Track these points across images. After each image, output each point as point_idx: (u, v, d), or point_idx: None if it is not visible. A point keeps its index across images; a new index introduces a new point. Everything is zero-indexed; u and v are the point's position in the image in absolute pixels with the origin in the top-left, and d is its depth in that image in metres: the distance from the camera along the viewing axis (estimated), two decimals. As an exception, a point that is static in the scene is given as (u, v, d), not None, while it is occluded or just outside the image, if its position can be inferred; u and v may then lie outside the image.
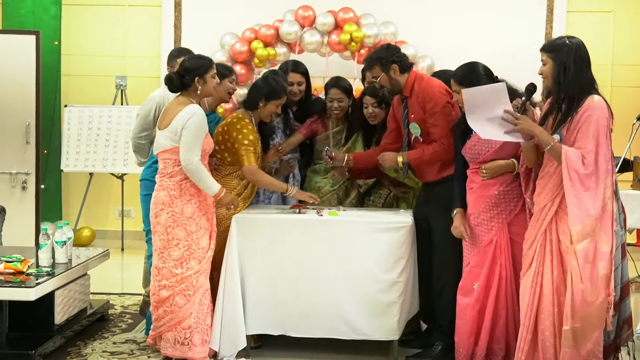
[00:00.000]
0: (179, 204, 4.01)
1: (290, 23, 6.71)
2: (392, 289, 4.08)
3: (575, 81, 3.36)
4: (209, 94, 4.14)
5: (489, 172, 3.86)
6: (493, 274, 3.85)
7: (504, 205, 3.85)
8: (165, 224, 4.02)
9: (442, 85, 4.21)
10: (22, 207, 6.61)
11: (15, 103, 6.64)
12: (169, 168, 4.03)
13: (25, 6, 7.52)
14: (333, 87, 4.64)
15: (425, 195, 4.38)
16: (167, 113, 4.05)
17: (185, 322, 4.01)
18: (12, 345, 4.01)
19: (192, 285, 4.02)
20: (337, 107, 4.61)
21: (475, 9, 7.31)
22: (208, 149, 4.10)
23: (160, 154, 4.06)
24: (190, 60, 4.11)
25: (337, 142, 4.70)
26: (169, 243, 4.02)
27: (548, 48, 3.44)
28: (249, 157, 4.23)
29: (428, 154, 4.18)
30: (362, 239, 4.10)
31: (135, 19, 7.80)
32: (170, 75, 4.04)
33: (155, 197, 4.06)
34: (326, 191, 4.67)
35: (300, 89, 4.77)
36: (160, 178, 4.07)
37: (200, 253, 4.05)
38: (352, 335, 4.14)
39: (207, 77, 4.05)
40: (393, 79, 4.21)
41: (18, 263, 4.19)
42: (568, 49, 3.38)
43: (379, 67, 4.21)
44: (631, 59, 7.28)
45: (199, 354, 4.03)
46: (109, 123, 7.43)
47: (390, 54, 4.22)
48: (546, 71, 3.45)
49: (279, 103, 4.36)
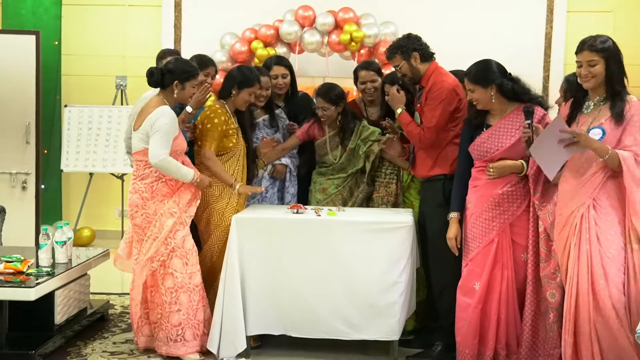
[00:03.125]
0: (151, 205, 4.05)
1: (290, 23, 6.71)
2: (392, 289, 4.08)
3: (623, 79, 3.46)
4: (183, 100, 4.18)
5: (496, 171, 3.85)
6: (495, 274, 3.85)
7: (507, 206, 3.85)
8: (141, 225, 4.09)
9: (454, 83, 4.21)
10: (22, 207, 6.62)
11: (15, 103, 6.65)
12: (141, 170, 4.08)
13: (26, 6, 7.52)
14: (318, 95, 4.66)
15: (422, 193, 4.41)
16: (142, 114, 4.09)
17: (174, 319, 4.04)
18: (12, 345, 4.01)
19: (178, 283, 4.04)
20: (322, 115, 4.63)
21: (475, 9, 7.32)
22: (180, 149, 4.12)
23: (134, 155, 4.12)
24: (177, 62, 4.15)
25: (336, 145, 4.70)
26: (145, 237, 4.08)
27: (598, 48, 3.46)
28: (210, 142, 4.29)
29: (409, 128, 4.25)
30: (362, 239, 4.10)
31: (136, 19, 7.80)
32: (152, 70, 4.09)
33: (130, 200, 4.12)
34: (331, 192, 4.67)
35: (285, 81, 4.79)
36: (133, 180, 4.13)
37: (181, 252, 4.07)
38: (352, 335, 4.14)
39: (187, 85, 4.09)
40: (414, 67, 4.23)
41: (18, 263, 4.19)
42: (616, 48, 3.49)
43: (399, 55, 4.25)
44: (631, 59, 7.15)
45: (192, 348, 4.09)
46: (109, 123, 7.42)
47: (411, 42, 4.25)
48: (596, 71, 3.45)
49: (251, 91, 4.39)
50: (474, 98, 3.89)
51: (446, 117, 4.15)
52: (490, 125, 3.92)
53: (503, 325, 3.86)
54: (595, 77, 3.45)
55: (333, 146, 4.70)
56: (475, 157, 3.97)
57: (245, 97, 4.39)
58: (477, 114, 3.98)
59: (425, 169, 4.30)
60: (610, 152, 3.35)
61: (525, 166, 3.82)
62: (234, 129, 4.39)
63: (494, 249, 3.85)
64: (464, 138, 4.05)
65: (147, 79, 4.10)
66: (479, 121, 3.96)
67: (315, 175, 4.77)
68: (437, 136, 4.17)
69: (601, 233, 3.39)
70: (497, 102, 3.87)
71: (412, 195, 4.60)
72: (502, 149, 3.85)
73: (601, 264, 3.36)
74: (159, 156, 3.95)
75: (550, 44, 7.30)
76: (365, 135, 4.62)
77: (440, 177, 4.22)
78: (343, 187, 4.68)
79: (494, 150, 3.87)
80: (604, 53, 3.45)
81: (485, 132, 3.90)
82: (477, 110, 3.96)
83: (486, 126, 3.93)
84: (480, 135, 3.93)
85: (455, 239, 3.99)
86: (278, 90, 4.80)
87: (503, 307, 3.85)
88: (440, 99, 4.14)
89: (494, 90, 3.85)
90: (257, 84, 4.42)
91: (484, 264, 3.85)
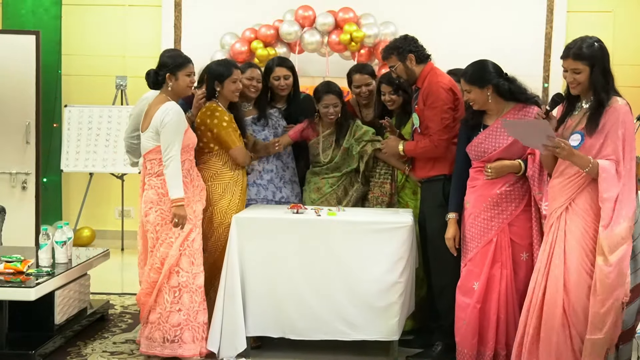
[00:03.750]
0: (167, 201, 4.02)
1: (290, 23, 6.71)
2: (392, 289, 4.08)
3: (609, 84, 3.39)
4: (181, 92, 4.14)
5: (494, 171, 3.85)
6: (493, 274, 3.85)
7: (505, 205, 3.85)
8: (154, 222, 4.05)
9: (450, 83, 4.21)
10: (22, 207, 6.62)
11: (15, 103, 6.65)
12: (155, 167, 4.06)
13: (26, 6, 7.52)
14: (328, 93, 4.62)
15: (421, 193, 4.41)
16: (148, 114, 4.09)
17: (174, 319, 4.03)
18: (12, 346, 4.01)
19: (182, 282, 4.03)
20: (333, 112, 4.60)
21: (475, 9, 7.33)
22: (191, 143, 4.12)
23: (146, 155, 4.10)
24: (166, 55, 4.14)
25: (330, 144, 4.69)
26: (158, 241, 4.06)
27: (583, 56, 3.38)
28: (231, 140, 4.28)
29: (420, 148, 4.24)
30: (362, 239, 4.10)
31: (136, 19, 7.80)
32: (149, 71, 4.10)
33: (145, 197, 4.09)
34: (325, 191, 4.67)
35: (287, 83, 4.76)
36: (148, 178, 4.10)
37: (189, 251, 4.07)
38: (352, 336, 4.13)
39: (179, 75, 4.07)
40: (409, 68, 4.23)
41: (18, 263, 4.19)
42: (600, 51, 3.38)
43: (395, 56, 4.25)
44: (631, 59, 7.26)
45: (190, 351, 4.05)
46: (109, 123, 7.43)
47: (407, 43, 4.25)
48: (580, 79, 3.40)
49: (234, 79, 4.34)
50: (471, 99, 3.89)
51: (450, 116, 4.16)
52: (487, 125, 3.92)
53: (502, 325, 3.86)
54: (580, 84, 3.42)
55: (327, 145, 4.69)
56: (472, 158, 3.97)
57: (231, 87, 4.34)
58: (473, 114, 3.98)
59: (425, 170, 4.30)
60: (590, 165, 3.31)
61: (523, 166, 3.82)
62: (236, 126, 4.39)
63: (492, 248, 3.84)
64: (461, 138, 4.05)
65: (146, 82, 4.11)
66: (475, 122, 3.96)
67: (309, 174, 4.77)
68: (449, 136, 4.16)
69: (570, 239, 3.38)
70: (494, 102, 3.87)
71: (407, 195, 4.61)
72: (500, 149, 3.85)
73: (563, 274, 3.37)
74: (170, 156, 3.95)
75: (550, 44, 7.30)
76: (359, 134, 4.61)
77: (440, 177, 4.22)
78: (337, 187, 4.68)
79: (492, 150, 3.87)
80: (588, 61, 3.38)
81: (482, 133, 3.90)
82: (474, 111, 3.97)
83: (483, 126, 3.93)
84: (477, 135, 3.93)
85: (453, 239, 3.99)
86: (280, 91, 4.78)
87: (502, 306, 3.85)
88: (437, 105, 4.14)
89: (490, 90, 3.84)
90: (236, 70, 4.38)
91: (483, 264, 3.85)
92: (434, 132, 4.16)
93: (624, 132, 3.33)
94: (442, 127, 4.13)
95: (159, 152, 4.01)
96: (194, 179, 4.12)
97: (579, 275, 3.34)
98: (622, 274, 3.26)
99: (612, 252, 3.26)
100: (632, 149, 3.35)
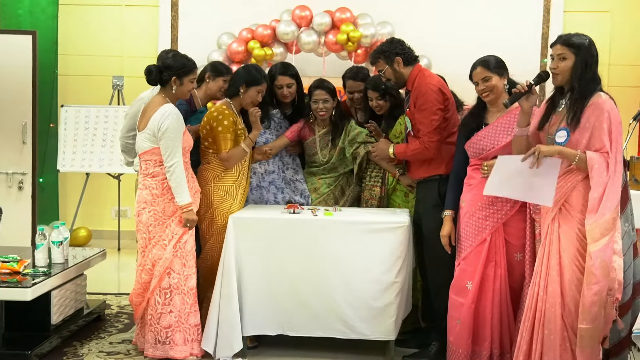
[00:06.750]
0: (160, 202, 4.04)
1: (287, 23, 6.71)
2: (389, 289, 4.08)
3: (592, 80, 3.39)
4: (183, 96, 4.16)
5: (490, 169, 3.85)
6: (487, 274, 3.85)
7: (500, 205, 3.84)
8: (147, 223, 4.06)
9: (439, 84, 4.21)
10: (19, 207, 6.61)
11: (11, 103, 6.64)
12: (151, 168, 4.06)
13: (23, 6, 7.52)
14: (317, 88, 4.63)
15: (417, 194, 4.41)
16: (145, 114, 4.08)
17: (164, 321, 4.03)
18: (8, 346, 4.01)
19: (173, 284, 4.04)
20: (323, 107, 4.60)
21: (472, 9, 7.33)
22: (187, 146, 4.13)
23: (142, 155, 4.10)
24: (174, 57, 4.13)
25: (325, 143, 4.69)
26: (150, 242, 4.06)
27: (570, 43, 3.40)
28: (224, 144, 4.29)
29: (410, 150, 4.24)
30: (359, 239, 4.10)
31: (132, 19, 7.80)
32: (150, 67, 4.08)
33: (138, 196, 4.09)
34: (323, 191, 4.67)
35: (290, 91, 4.73)
36: (142, 177, 4.10)
37: (182, 252, 4.07)
38: (349, 334, 4.14)
39: (185, 80, 4.08)
40: (397, 71, 4.23)
41: (14, 263, 4.19)
42: (589, 47, 3.40)
43: (382, 60, 4.25)
44: (628, 59, 7.28)
45: (180, 353, 4.05)
46: (105, 123, 7.42)
47: (393, 46, 4.25)
48: (565, 66, 3.42)
49: (260, 89, 4.38)
50: (489, 86, 3.85)
51: (441, 116, 4.15)
52: (487, 123, 3.92)
53: (497, 324, 3.86)
54: (562, 73, 3.43)
55: (323, 145, 4.69)
56: (470, 155, 3.96)
57: (253, 95, 4.38)
58: (471, 116, 3.98)
59: (420, 170, 4.30)
60: (578, 156, 3.33)
61: None
62: (242, 129, 4.38)
63: (486, 248, 3.84)
64: (460, 137, 4.05)
65: (145, 77, 4.09)
66: (476, 123, 3.95)
67: (306, 175, 4.77)
68: (439, 138, 4.16)
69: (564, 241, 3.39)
70: (503, 97, 3.85)
71: (399, 198, 4.61)
72: (498, 147, 3.84)
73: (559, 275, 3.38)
74: (172, 163, 3.96)
75: (547, 44, 7.30)
76: (352, 135, 4.61)
77: (435, 177, 4.23)
78: (335, 186, 4.68)
79: (490, 148, 3.87)
80: (575, 49, 3.39)
81: (482, 130, 3.90)
82: (474, 112, 3.97)
83: (484, 124, 3.93)
84: (477, 132, 3.93)
85: (448, 237, 3.99)
86: (283, 99, 4.75)
87: (496, 306, 3.85)
88: (426, 106, 4.13)
89: (505, 81, 3.86)
90: (265, 82, 4.42)
91: (477, 263, 3.85)
92: (424, 134, 4.16)
93: (609, 126, 3.33)
94: (432, 129, 4.13)
95: (155, 153, 4.01)
96: (189, 180, 4.12)
97: (572, 272, 3.35)
98: (606, 265, 3.25)
99: (594, 241, 3.26)
100: (618, 143, 3.35)
